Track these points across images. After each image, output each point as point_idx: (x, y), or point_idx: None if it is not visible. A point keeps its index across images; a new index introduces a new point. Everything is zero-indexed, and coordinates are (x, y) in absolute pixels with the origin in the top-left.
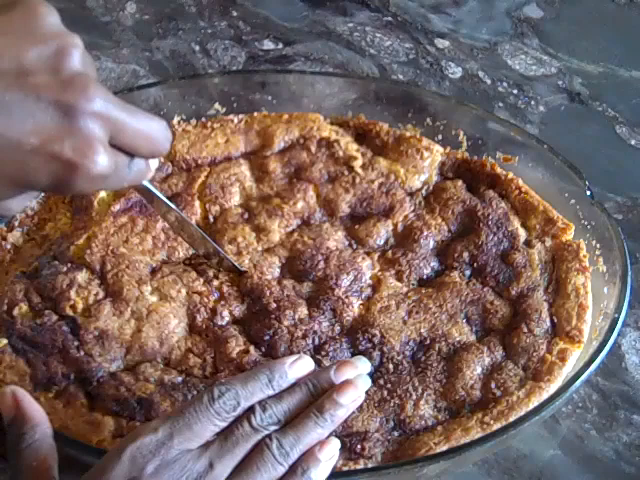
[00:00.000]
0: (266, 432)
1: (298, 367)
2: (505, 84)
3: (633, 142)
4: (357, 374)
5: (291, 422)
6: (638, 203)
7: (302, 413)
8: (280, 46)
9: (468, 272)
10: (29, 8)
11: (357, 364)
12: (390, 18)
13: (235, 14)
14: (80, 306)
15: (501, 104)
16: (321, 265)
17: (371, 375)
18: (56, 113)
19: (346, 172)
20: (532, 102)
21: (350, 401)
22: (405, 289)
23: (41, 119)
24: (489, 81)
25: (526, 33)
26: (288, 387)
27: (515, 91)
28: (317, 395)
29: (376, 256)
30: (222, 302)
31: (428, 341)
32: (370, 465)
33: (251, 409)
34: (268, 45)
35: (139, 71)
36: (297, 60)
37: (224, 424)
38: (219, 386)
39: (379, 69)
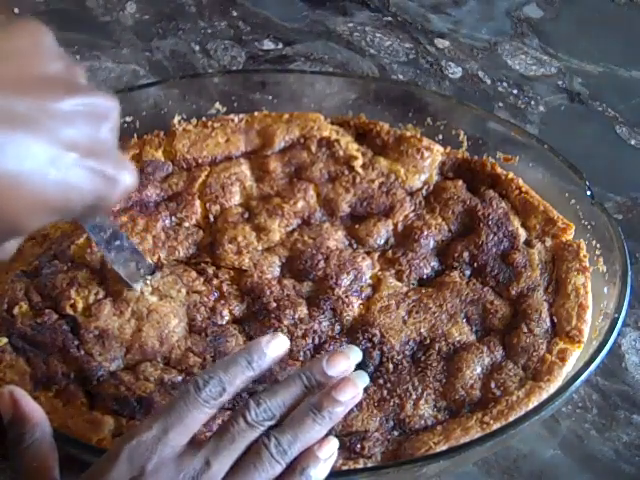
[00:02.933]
0: (262, 428)
1: (274, 346)
2: (505, 84)
3: (633, 142)
4: (349, 364)
5: (288, 420)
6: (638, 203)
7: (299, 409)
8: (280, 46)
9: (468, 272)
10: (32, 29)
11: (348, 354)
12: (390, 18)
13: (235, 14)
14: (80, 305)
15: (501, 104)
16: (321, 265)
17: (371, 375)
18: (89, 127)
19: (346, 172)
20: (532, 102)
21: (348, 398)
22: (405, 289)
23: (77, 132)
24: (489, 81)
25: (526, 33)
26: (282, 381)
27: (515, 91)
28: (311, 387)
29: (376, 256)
30: (222, 301)
31: (428, 341)
32: (370, 464)
33: (245, 405)
34: (268, 45)
35: (139, 71)
36: (297, 60)
37: (213, 411)
38: (202, 375)
39: (379, 69)
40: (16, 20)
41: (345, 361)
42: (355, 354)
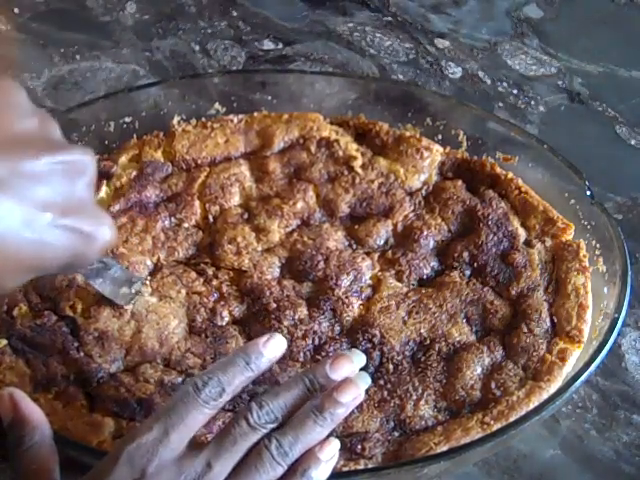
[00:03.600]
0: (264, 430)
1: (272, 346)
2: (505, 84)
3: (633, 142)
4: (353, 368)
5: (290, 421)
6: (638, 203)
7: (300, 411)
8: (280, 46)
9: (468, 272)
10: (4, 87)
11: (352, 357)
12: (390, 18)
13: (235, 14)
14: (79, 307)
15: (501, 104)
16: (321, 265)
17: (371, 375)
18: (65, 185)
19: (346, 172)
20: (532, 102)
21: (350, 400)
22: (405, 289)
23: (52, 191)
24: (489, 81)
25: (526, 33)
26: (284, 383)
27: (515, 91)
28: (314, 390)
29: (376, 256)
30: (222, 302)
31: (428, 341)
32: (370, 465)
33: (247, 407)
34: (268, 45)
35: (139, 71)
36: (297, 60)
37: (213, 412)
38: (201, 376)
39: (379, 69)
40: None
41: (349, 365)
42: (359, 358)
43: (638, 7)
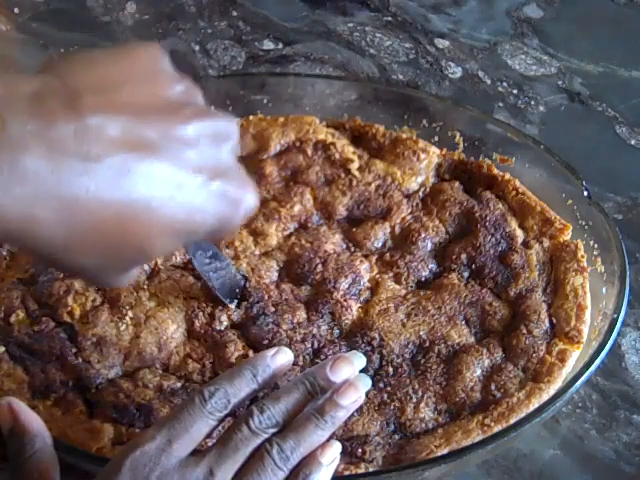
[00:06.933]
0: (265, 435)
1: (279, 359)
2: (505, 84)
3: (633, 142)
4: (353, 370)
5: (291, 425)
6: (638, 203)
7: (301, 414)
8: (280, 46)
9: (466, 274)
10: (154, 53)
11: (352, 359)
12: (390, 18)
13: (235, 14)
14: (77, 312)
15: (501, 104)
16: (319, 268)
17: (371, 378)
18: (212, 150)
19: (343, 175)
20: (532, 102)
21: (350, 402)
22: (404, 291)
23: (201, 155)
24: (489, 81)
25: (526, 33)
26: (285, 387)
27: (515, 91)
28: (314, 393)
29: (374, 259)
30: (220, 306)
31: (427, 343)
32: (371, 469)
33: (248, 412)
34: (268, 45)
35: None
36: (297, 60)
37: (216, 423)
38: (208, 387)
39: (379, 69)
40: (131, 43)
41: (349, 367)
42: (359, 360)
43: (638, 7)
